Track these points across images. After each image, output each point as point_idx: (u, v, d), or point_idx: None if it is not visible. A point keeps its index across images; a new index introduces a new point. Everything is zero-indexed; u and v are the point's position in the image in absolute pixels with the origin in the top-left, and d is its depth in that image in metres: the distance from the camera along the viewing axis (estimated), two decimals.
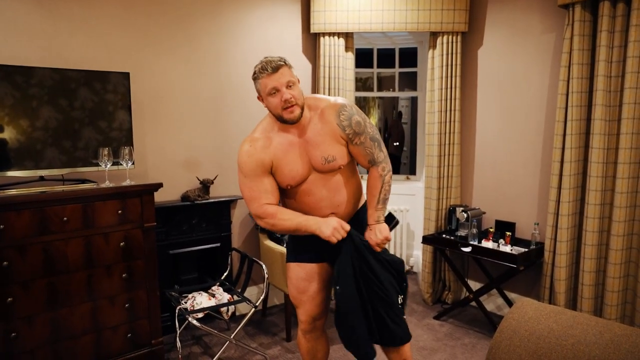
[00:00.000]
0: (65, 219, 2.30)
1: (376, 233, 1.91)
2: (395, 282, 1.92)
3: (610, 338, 1.29)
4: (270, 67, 1.73)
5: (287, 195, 1.94)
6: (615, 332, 1.31)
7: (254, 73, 1.78)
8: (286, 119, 1.77)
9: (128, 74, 2.70)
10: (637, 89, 2.59)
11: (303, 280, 2.03)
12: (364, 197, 2.07)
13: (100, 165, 2.52)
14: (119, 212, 2.46)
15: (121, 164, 2.58)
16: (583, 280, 2.82)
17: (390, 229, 1.96)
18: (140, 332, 2.60)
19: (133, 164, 2.62)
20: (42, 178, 2.47)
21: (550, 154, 3.11)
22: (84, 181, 2.58)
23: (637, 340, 1.25)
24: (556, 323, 1.41)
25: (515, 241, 3.23)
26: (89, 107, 2.57)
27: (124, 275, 2.51)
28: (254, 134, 1.87)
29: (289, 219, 1.85)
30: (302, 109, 1.79)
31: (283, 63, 1.76)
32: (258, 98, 1.84)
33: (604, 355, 1.24)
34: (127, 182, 2.53)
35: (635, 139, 2.63)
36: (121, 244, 2.48)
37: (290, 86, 1.75)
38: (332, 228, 1.79)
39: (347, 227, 1.84)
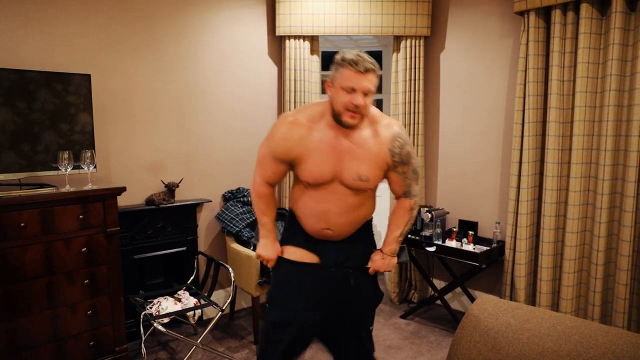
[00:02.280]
0: (22, 224, 2.23)
1: (384, 263, 1.90)
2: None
3: (562, 330, 1.35)
4: (362, 66, 1.60)
5: (301, 189, 1.83)
6: (566, 324, 1.38)
7: (342, 59, 1.63)
8: (344, 121, 1.66)
9: (89, 75, 2.64)
10: (587, 93, 2.73)
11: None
12: (369, 216, 1.92)
13: (60, 170, 2.45)
14: (80, 217, 2.40)
15: (82, 168, 2.51)
16: (541, 276, 2.94)
17: (397, 263, 1.97)
18: (103, 340, 2.54)
19: (95, 167, 2.56)
20: None
21: (509, 154, 3.23)
22: (42, 185, 2.51)
23: (586, 331, 1.32)
24: (513, 318, 1.47)
25: (477, 240, 3.33)
26: (49, 110, 2.50)
27: (86, 281, 2.44)
28: (298, 116, 1.75)
29: (262, 211, 1.91)
30: (363, 120, 1.71)
31: (374, 69, 1.64)
32: (326, 83, 1.70)
33: (556, 346, 1.31)
34: (89, 187, 2.47)
35: (587, 140, 2.77)
36: (83, 249, 2.42)
37: (367, 94, 1.64)
38: (260, 255, 1.90)
39: (271, 264, 1.91)
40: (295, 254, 1.89)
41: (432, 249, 3.20)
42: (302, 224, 1.88)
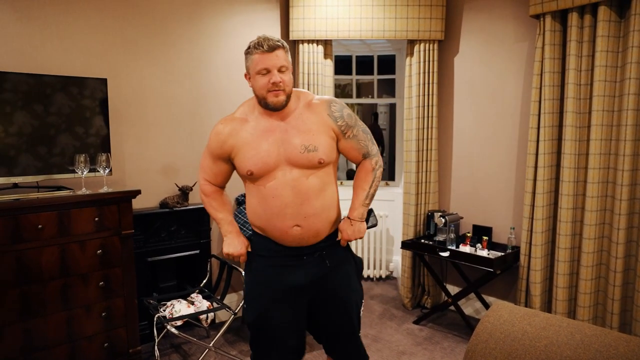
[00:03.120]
0: (40, 226, 2.26)
1: (354, 230, 1.81)
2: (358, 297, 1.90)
3: (581, 339, 1.33)
4: (266, 45, 1.60)
5: (253, 194, 1.75)
6: (585, 332, 1.35)
7: (248, 47, 1.66)
8: (269, 102, 1.64)
9: (105, 80, 2.67)
10: (605, 97, 2.68)
11: None
12: (335, 208, 1.83)
13: (76, 172, 2.48)
14: (96, 219, 2.43)
15: (98, 171, 2.54)
16: (557, 283, 2.89)
17: (367, 228, 1.90)
18: (117, 342, 2.56)
19: (110, 170, 2.59)
20: (16, 185, 2.42)
21: (524, 159, 3.19)
22: (59, 188, 2.54)
23: (606, 340, 1.30)
24: (530, 325, 1.45)
25: (492, 245, 3.29)
26: (65, 113, 2.53)
27: (100, 283, 2.47)
28: (233, 114, 1.79)
29: (215, 208, 1.89)
30: (289, 97, 1.67)
31: (280, 45, 1.63)
32: (245, 76, 1.74)
33: (575, 355, 1.28)
34: (105, 189, 2.50)
35: (604, 145, 2.72)
36: (98, 251, 2.45)
37: (282, 70, 1.64)
38: (228, 253, 1.83)
39: (243, 259, 1.84)
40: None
41: (446, 254, 3.18)
42: (267, 233, 1.76)
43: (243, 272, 1.89)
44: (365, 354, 1.95)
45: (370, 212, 1.95)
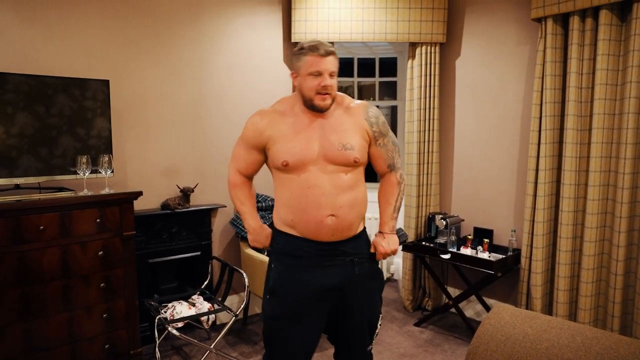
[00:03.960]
0: (41, 227, 2.26)
1: (388, 242, 1.84)
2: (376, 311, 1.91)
3: (582, 341, 1.33)
4: (323, 49, 1.66)
5: (286, 185, 1.75)
6: (586, 335, 1.35)
7: (301, 48, 1.69)
8: (316, 104, 1.69)
9: (108, 81, 2.68)
10: (606, 100, 2.69)
11: None
12: (364, 207, 1.85)
13: (78, 174, 2.48)
14: (97, 220, 2.43)
15: (100, 172, 2.55)
16: (558, 286, 2.89)
17: (400, 244, 1.90)
18: (118, 343, 2.56)
19: (112, 172, 2.59)
20: (17, 186, 2.43)
21: (525, 162, 3.19)
22: (61, 189, 2.54)
23: (607, 343, 1.30)
24: (531, 327, 1.45)
25: (493, 248, 3.29)
26: (67, 114, 2.54)
27: (102, 284, 2.47)
28: (272, 106, 1.82)
29: (240, 201, 1.89)
30: (333, 101, 1.74)
31: (333, 51, 1.70)
32: (292, 74, 1.77)
33: (576, 358, 1.28)
34: (106, 191, 2.50)
35: (605, 148, 2.72)
36: (99, 253, 2.45)
37: (332, 76, 1.70)
38: (255, 246, 1.88)
39: (267, 244, 1.86)
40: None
41: (447, 256, 3.17)
42: (299, 227, 1.74)
43: (269, 265, 1.88)
44: None
45: (400, 229, 1.97)
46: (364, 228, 1.88)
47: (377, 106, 5.87)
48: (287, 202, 1.75)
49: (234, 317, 2.77)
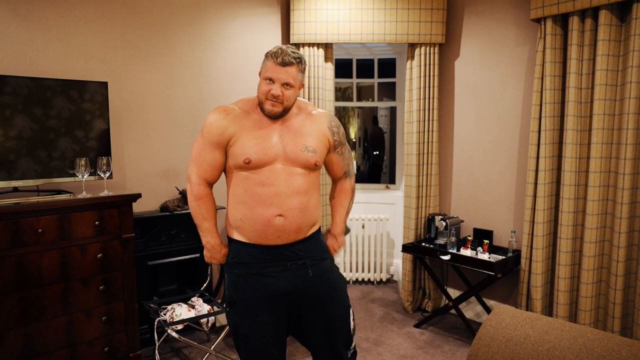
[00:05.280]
0: (40, 230, 2.25)
1: (339, 243, 2.00)
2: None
3: (584, 343, 1.32)
4: (281, 58, 1.67)
5: (241, 183, 1.73)
6: (587, 336, 1.35)
7: (267, 52, 1.72)
8: (266, 109, 1.71)
9: (106, 83, 2.67)
10: (606, 100, 2.68)
11: None
12: (319, 223, 1.90)
13: (77, 176, 2.48)
14: (96, 223, 2.42)
15: (99, 175, 2.54)
16: (558, 287, 2.88)
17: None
18: (117, 346, 2.55)
19: (111, 174, 2.58)
20: (16, 189, 2.42)
21: (525, 162, 3.19)
22: (59, 192, 2.54)
23: (609, 344, 1.29)
24: (532, 329, 1.44)
25: (493, 249, 3.29)
26: (65, 117, 2.53)
27: (101, 287, 2.46)
28: (234, 104, 1.80)
29: (203, 216, 1.81)
30: (287, 109, 1.74)
31: (295, 63, 1.69)
32: (259, 73, 1.78)
33: (577, 359, 1.28)
34: (105, 193, 2.50)
35: (605, 148, 2.72)
36: (98, 255, 2.44)
37: (286, 87, 1.69)
38: (210, 257, 1.86)
39: (223, 261, 1.84)
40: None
41: (447, 257, 3.17)
42: (246, 228, 1.73)
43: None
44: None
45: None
46: (318, 230, 1.89)
47: (377, 107, 5.86)
48: (239, 199, 1.74)
49: None
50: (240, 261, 1.78)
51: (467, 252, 3.19)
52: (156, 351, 2.73)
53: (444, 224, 3.33)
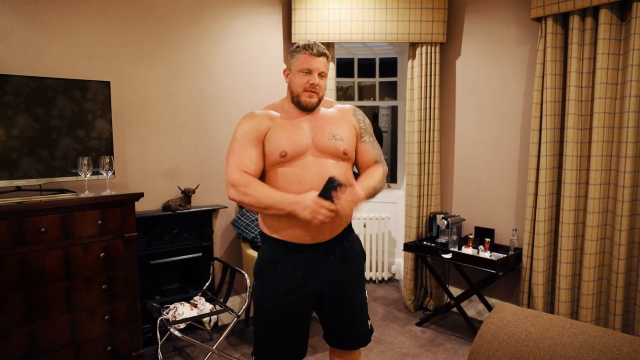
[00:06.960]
0: (43, 229, 2.26)
1: (357, 196, 1.68)
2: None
3: (585, 339, 1.33)
4: (316, 49, 1.74)
5: (277, 182, 1.73)
6: (589, 333, 1.35)
7: (297, 46, 1.77)
8: (302, 101, 1.75)
9: (109, 82, 2.68)
10: (606, 99, 2.69)
11: None
12: (350, 219, 1.90)
13: (79, 175, 2.49)
14: (99, 222, 2.44)
15: (101, 174, 2.55)
16: (559, 284, 2.89)
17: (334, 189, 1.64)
18: (120, 345, 2.56)
19: (113, 173, 2.59)
20: (18, 188, 2.43)
21: (526, 161, 3.19)
22: (62, 191, 2.55)
23: (610, 341, 1.30)
24: (533, 326, 1.45)
25: (494, 247, 3.29)
26: (67, 116, 2.54)
27: (103, 286, 2.47)
28: (263, 109, 1.84)
29: (266, 191, 1.67)
30: (320, 101, 1.79)
31: (326, 53, 1.77)
32: (284, 71, 1.83)
33: (579, 356, 1.28)
34: (108, 192, 2.51)
35: (606, 147, 2.73)
36: (101, 254, 2.45)
37: (322, 76, 1.76)
38: (311, 211, 1.59)
39: (331, 206, 1.59)
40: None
41: (448, 256, 3.18)
42: (285, 228, 1.73)
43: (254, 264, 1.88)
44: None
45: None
46: (350, 227, 1.91)
47: (378, 106, 5.87)
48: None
49: (235, 318, 2.77)
50: (277, 257, 1.79)
51: (468, 250, 3.20)
52: (159, 350, 2.74)
53: (445, 222, 3.34)
